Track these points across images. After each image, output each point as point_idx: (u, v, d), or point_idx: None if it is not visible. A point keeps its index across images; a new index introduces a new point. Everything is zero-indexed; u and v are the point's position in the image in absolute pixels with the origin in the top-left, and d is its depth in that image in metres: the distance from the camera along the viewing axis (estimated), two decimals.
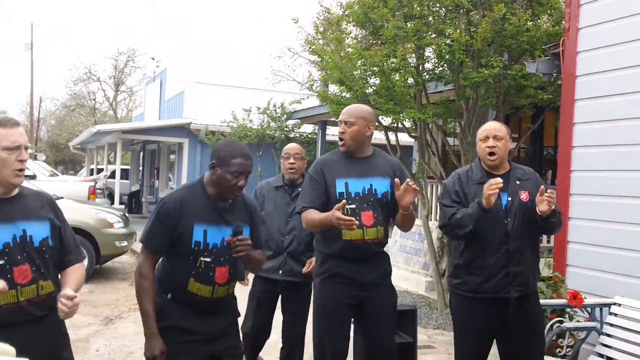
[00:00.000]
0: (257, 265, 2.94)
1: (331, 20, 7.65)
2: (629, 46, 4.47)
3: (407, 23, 6.42)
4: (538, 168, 9.59)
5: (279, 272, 3.96)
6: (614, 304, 4.01)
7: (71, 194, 10.72)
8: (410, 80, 6.63)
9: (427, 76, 6.73)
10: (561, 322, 4.02)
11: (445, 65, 6.56)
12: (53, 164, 36.39)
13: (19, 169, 2.35)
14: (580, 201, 4.81)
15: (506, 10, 6.00)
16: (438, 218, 8.47)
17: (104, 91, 41.03)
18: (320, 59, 7.81)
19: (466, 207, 3.22)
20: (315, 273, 3.39)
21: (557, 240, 4.97)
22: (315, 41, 7.80)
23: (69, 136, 34.98)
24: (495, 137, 3.27)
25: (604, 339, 3.90)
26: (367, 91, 7.01)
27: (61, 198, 7.72)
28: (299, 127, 15.25)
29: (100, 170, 23.52)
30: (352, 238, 3.18)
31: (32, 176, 11.93)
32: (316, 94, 8.88)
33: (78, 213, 8.16)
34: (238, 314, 2.94)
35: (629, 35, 4.46)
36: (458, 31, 6.17)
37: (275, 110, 15.14)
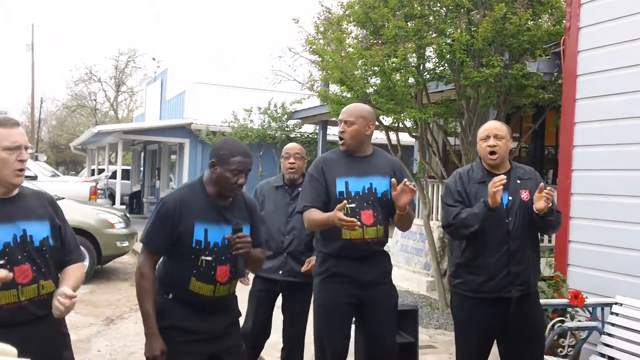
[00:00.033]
0: (257, 263, 2.94)
1: (332, 20, 7.65)
2: (630, 45, 4.46)
3: (408, 23, 6.42)
4: (539, 167, 9.58)
5: (279, 273, 3.94)
6: (616, 304, 4.00)
7: (72, 195, 10.74)
8: (411, 80, 6.63)
9: (428, 76, 6.73)
10: (562, 322, 4.02)
11: (446, 64, 6.55)
12: (54, 165, 36.42)
13: (20, 169, 2.35)
14: (581, 200, 4.80)
15: (507, 9, 6.00)
16: (439, 218, 8.52)
17: (105, 92, 41.15)
18: (320, 59, 7.81)
19: (468, 207, 3.22)
20: (315, 272, 3.39)
21: (559, 239, 4.97)
22: (315, 41, 7.80)
23: (70, 137, 35.02)
24: (496, 137, 3.27)
25: (606, 339, 3.90)
26: (368, 91, 7.01)
27: (62, 198, 7.72)
28: (300, 127, 15.25)
29: (101, 170, 23.52)
30: (352, 237, 3.17)
31: (34, 177, 11.95)
32: (317, 94, 8.88)
33: (79, 213, 8.18)
34: (239, 314, 2.94)
35: (630, 34, 4.45)
36: (459, 31, 6.17)
37: (276, 110, 15.14)
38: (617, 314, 3.95)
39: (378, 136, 9.52)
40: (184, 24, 65.51)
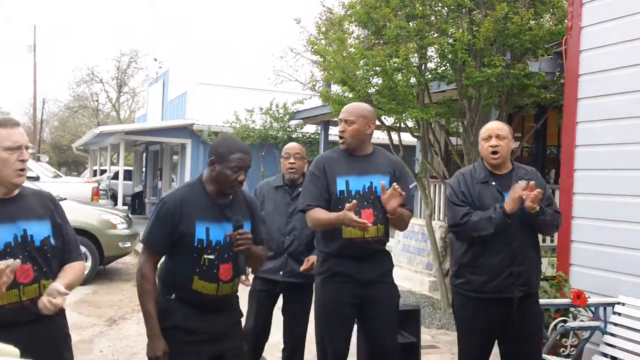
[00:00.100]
0: (259, 260, 2.94)
1: (333, 20, 7.64)
2: (632, 45, 4.45)
3: (410, 23, 6.41)
4: (541, 167, 9.57)
5: (280, 273, 3.92)
6: (618, 304, 3.99)
7: (74, 195, 10.74)
8: (412, 79, 6.63)
9: (430, 76, 6.72)
10: (565, 322, 4.02)
11: (447, 64, 6.55)
12: (56, 166, 36.50)
13: (21, 169, 2.35)
14: (583, 200, 4.79)
15: (508, 9, 5.99)
16: (442, 217, 8.52)
17: (107, 92, 41.22)
18: (322, 59, 7.81)
19: (472, 207, 3.22)
20: (316, 272, 3.38)
21: (561, 239, 4.96)
22: (317, 41, 7.80)
23: (72, 137, 35.08)
24: (498, 137, 3.26)
25: (608, 339, 3.89)
26: (370, 91, 7.01)
27: (64, 199, 7.72)
28: (302, 127, 15.26)
29: (103, 171, 23.52)
30: (353, 236, 3.17)
31: (36, 177, 11.95)
32: (319, 94, 8.87)
33: (81, 214, 8.19)
34: (241, 314, 2.94)
35: (632, 33, 4.44)
36: (460, 30, 6.16)
37: (277, 110, 15.15)
38: (620, 314, 3.95)
39: (380, 136, 9.56)
40: (185, 25, 65.69)
